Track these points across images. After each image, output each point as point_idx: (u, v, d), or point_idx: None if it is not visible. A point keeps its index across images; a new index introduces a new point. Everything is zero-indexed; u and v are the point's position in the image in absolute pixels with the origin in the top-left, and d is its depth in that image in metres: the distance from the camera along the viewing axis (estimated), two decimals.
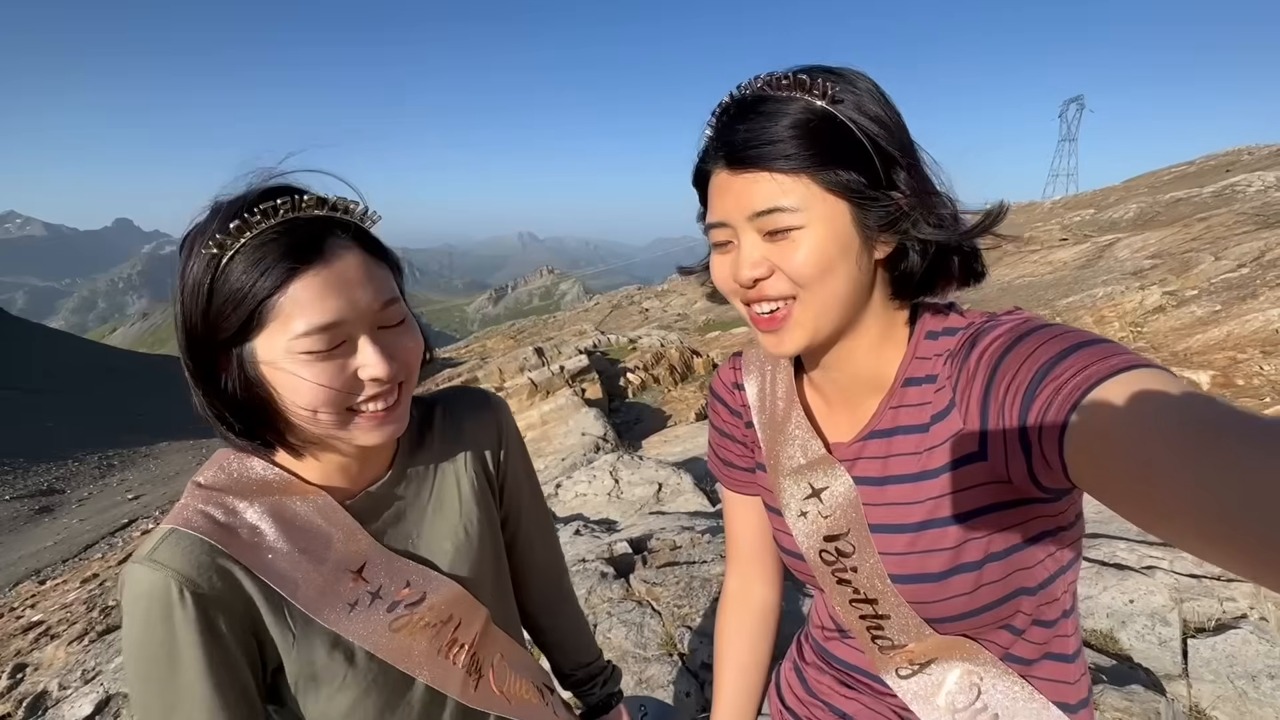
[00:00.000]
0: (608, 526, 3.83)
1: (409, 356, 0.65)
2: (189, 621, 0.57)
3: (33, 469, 13.80)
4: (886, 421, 0.66)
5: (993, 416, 0.54)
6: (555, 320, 31.17)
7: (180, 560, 0.58)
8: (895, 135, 0.58)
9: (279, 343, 0.57)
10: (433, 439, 0.80)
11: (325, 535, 0.66)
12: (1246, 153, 24.38)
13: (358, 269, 0.60)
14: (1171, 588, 2.00)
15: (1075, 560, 0.65)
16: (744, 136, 0.57)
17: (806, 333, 0.61)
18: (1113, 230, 18.75)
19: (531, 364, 12.90)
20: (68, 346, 33.50)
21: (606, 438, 8.06)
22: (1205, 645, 1.84)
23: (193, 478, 0.66)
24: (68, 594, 7.06)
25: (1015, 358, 0.52)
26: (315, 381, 0.58)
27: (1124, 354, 0.46)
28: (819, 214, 0.57)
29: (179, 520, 0.61)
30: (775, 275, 0.59)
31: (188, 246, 0.59)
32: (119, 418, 18.77)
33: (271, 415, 0.61)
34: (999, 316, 0.61)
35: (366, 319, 0.61)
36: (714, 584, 2.30)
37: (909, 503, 0.63)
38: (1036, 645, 0.66)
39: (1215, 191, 18.89)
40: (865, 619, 0.69)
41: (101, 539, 9.68)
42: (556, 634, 0.99)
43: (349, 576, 0.67)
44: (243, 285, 0.55)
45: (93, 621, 5.68)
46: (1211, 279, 11.96)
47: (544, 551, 0.95)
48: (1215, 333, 9.46)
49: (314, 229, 0.58)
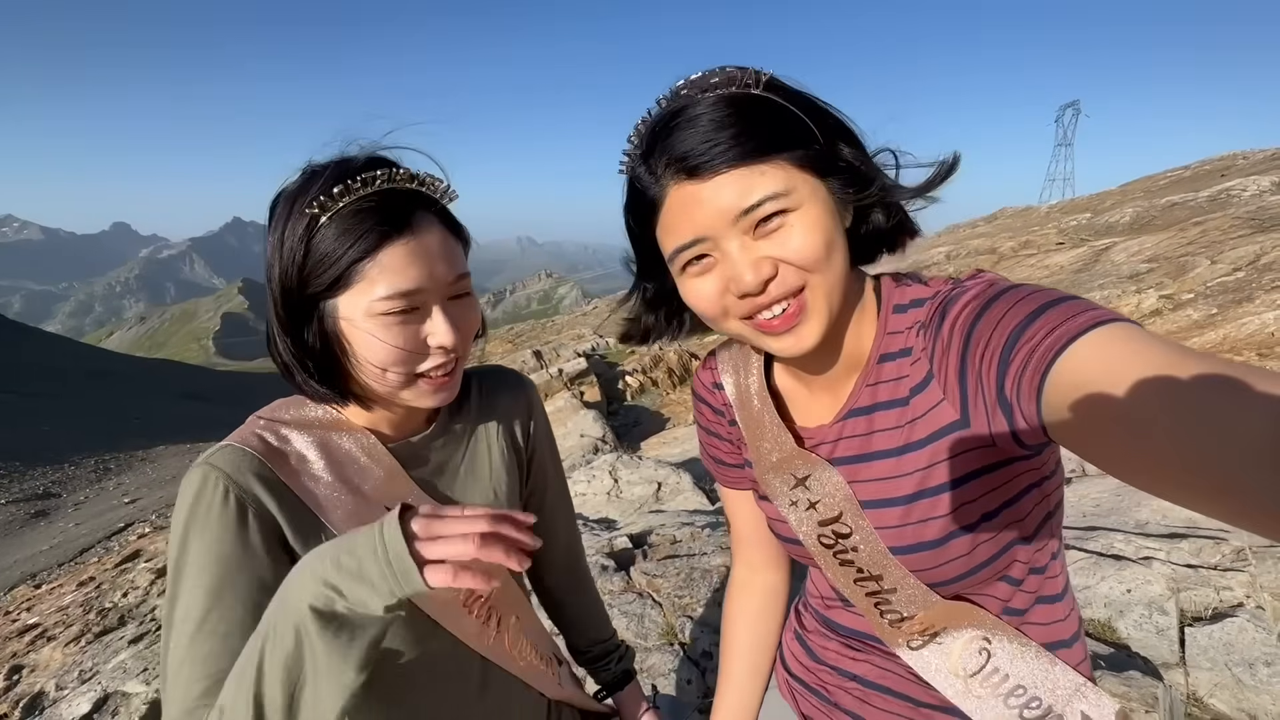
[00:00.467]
0: (608, 524, 3.83)
1: (470, 329, 0.70)
2: (230, 515, 0.62)
3: (29, 473, 13.74)
4: (865, 399, 0.66)
5: (970, 384, 0.55)
6: (554, 324, 31.19)
7: (230, 465, 0.64)
8: (822, 109, 0.59)
9: (361, 303, 0.62)
10: (470, 407, 0.84)
11: (365, 469, 0.71)
12: (1241, 157, 24.52)
13: (439, 242, 0.65)
14: (1169, 577, 2.01)
15: (1059, 503, 0.67)
16: (698, 141, 0.54)
17: (823, 319, 0.59)
18: (1109, 234, 18.83)
19: (530, 367, 12.91)
20: (64, 350, 33.43)
21: (605, 439, 8.06)
22: (1202, 634, 1.85)
23: (255, 413, 0.72)
24: (64, 597, 7.02)
25: (987, 323, 0.53)
26: (390, 343, 0.63)
27: (1091, 310, 0.47)
28: (806, 193, 0.56)
29: (236, 438, 0.67)
30: (781, 270, 0.57)
31: (284, 205, 0.63)
32: (115, 421, 18.72)
33: (342, 368, 0.67)
34: (963, 282, 0.61)
35: (441, 289, 0.66)
36: (714, 574, 2.31)
37: (897, 476, 0.64)
38: (1030, 594, 0.68)
39: (1211, 196, 18.99)
40: (872, 595, 0.70)
41: (98, 543, 9.63)
42: (574, 611, 1.02)
43: (382, 512, 0.69)
44: (337, 246, 0.60)
45: (89, 623, 5.65)
46: (1207, 282, 12.01)
47: (565, 531, 0.98)
48: (1211, 336, 9.50)
49: (404, 201, 0.63)
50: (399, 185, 0.63)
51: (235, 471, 0.63)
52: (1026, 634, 0.68)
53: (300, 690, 0.51)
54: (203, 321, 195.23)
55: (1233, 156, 25.04)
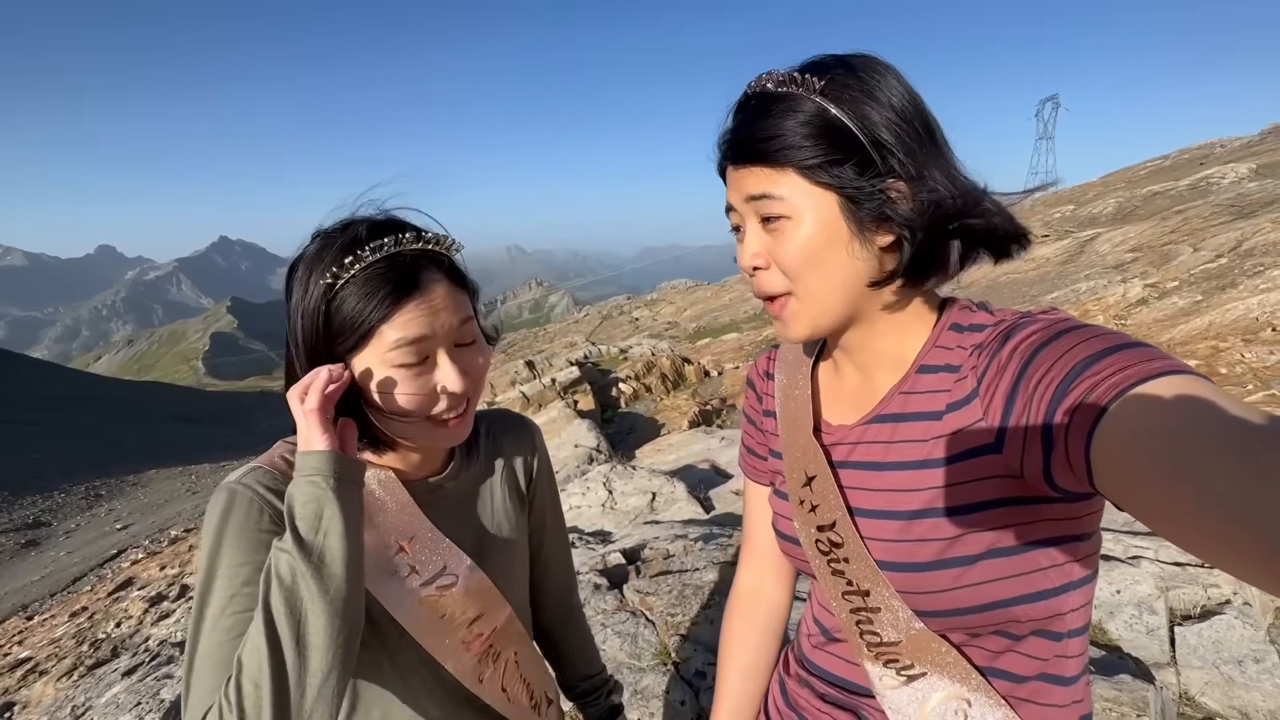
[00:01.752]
0: (602, 538, 3.82)
1: (479, 373, 0.75)
2: (256, 528, 0.66)
3: (18, 502, 13.58)
4: (895, 406, 0.65)
5: (1018, 409, 0.53)
6: (546, 333, 31.13)
7: (260, 482, 0.69)
8: (900, 123, 0.58)
9: (377, 355, 0.68)
10: (480, 450, 0.89)
11: (380, 502, 0.75)
12: (1219, 145, 24.87)
13: (444, 296, 0.71)
14: (1157, 576, 2.02)
15: (1089, 579, 0.62)
16: (741, 135, 0.61)
17: (807, 324, 0.63)
18: (1093, 225, 19.04)
19: (523, 377, 12.88)
20: (51, 376, 33.08)
21: (600, 449, 8.05)
22: (1192, 632, 1.86)
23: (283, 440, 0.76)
24: (56, 628, 6.93)
25: (1051, 353, 0.52)
26: (405, 391, 0.69)
27: (1166, 359, 0.45)
28: (806, 206, 0.58)
29: (264, 461, 0.72)
30: (772, 269, 0.62)
31: (303, 271, 0.69)
32: (105, 447, 18.52)
33: (361, 413, 0.72)
34: (1034, 314, 0.60)
35: (447, 337, 0.71)
36: (705, 591, 2.30)
37: (908, 490, 0.63)
38: (1035, 661, 0.64)
39: (1191, 184, 19.25)
40: (856, 613, 0.68)
41: (90, 571, 9.52)
42: (566, 647, 1.04)
43: (395, 545, 0.75)
44: (359, 313, 0.66)
45: (82, 656, 5.57)
46: (1191, 270, 12.16)
47: (561, 568, 1.02)
48: (1197, 323, 9.61)
49: (412, 264, 0.69)
50: (406, 248, 0.69)
51: (262, 488, 0.68)
52: (1017, 712, 0.64)
53: (304, 622, 0.60)
54: (192, 342, 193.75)
55: (1210, 145, 25.38)
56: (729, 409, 10.89)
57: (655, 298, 34.14)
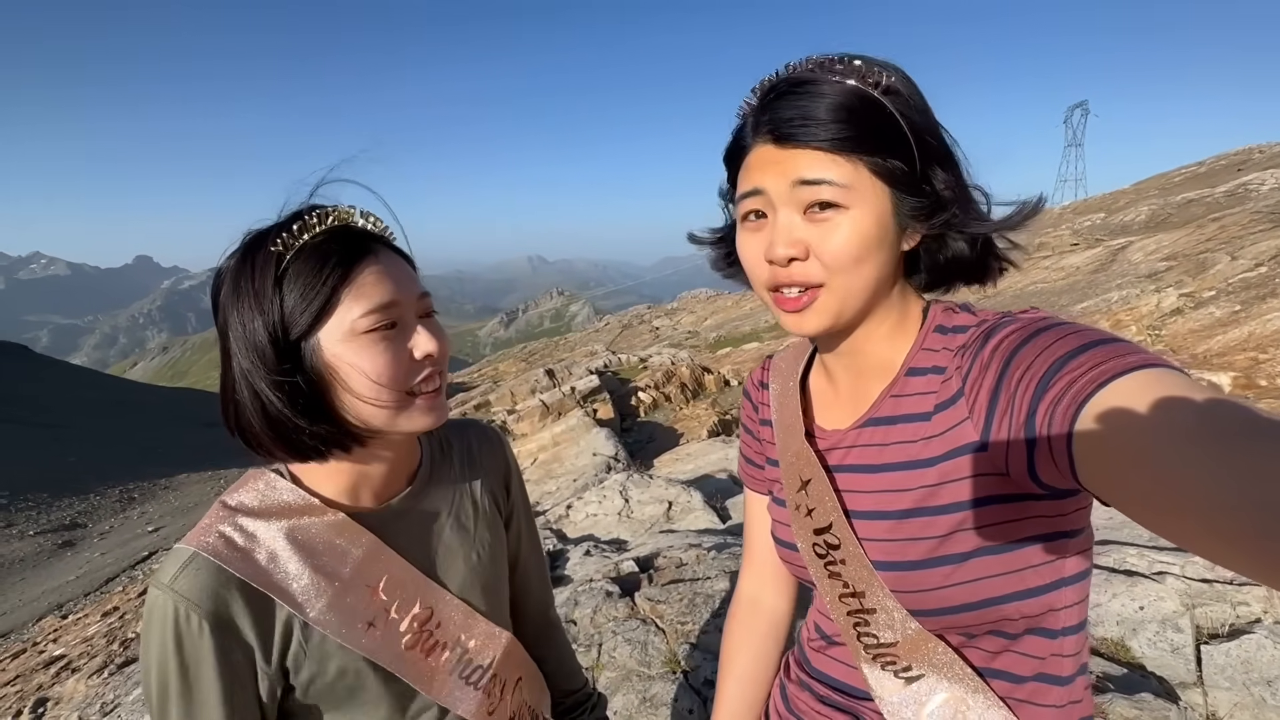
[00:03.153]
0: (618, 546, 3.82)
1: (446, 344, 0.71)
2: (207, 649, 0.61)
3: (56, 504, 14.00)
4: (886, 409, 0.66)
5: (1001, 407, 0.54)
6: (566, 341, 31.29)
7: (198, 590, 0.61)
8: (935, 130, 0.60)
9: (342, 327, 0.62)
10: (449, 463, 0.84)
11: (342, 552, 0.69)
12: (1258, 151, 24.14)
13: (399, 264, 0.68)
14: (1182, 593, 1.96)
15: (1081, 576, 0.63)
16: (794, 113, 0.57)
17: (829, 318, 0.62)
18: (1125, 233, 18.59)
19: (543, 386, 12.95)
20: (89, 382, 34.15)
21: (618, 457, 8.04)
22: (1219, 651, 1.80)
23: (221, 497, 0.69)
24: (89, 627, 7.11)
25: (1031, 350, 0.52)
26: (380, 359, 0.63)
27: (1141, 353, 0.46)
28: (865, 196, 0.57)
29: (200, 543, 0.64)
30: (810, 259, 0.59)
31: (238, 266, 0.63)
32: (139, 451, 19.04)
33: (334, 408, 0.65)
34: (1015, 314, 0.60)
35: (413, 305, 0.68)
36: (716, 599, 2.29)
37: (899, 490, 0.63)
38: (1033, 660, 0.64)
39: (1228, 191, 18.70)
40: (853, 615, 0.68)
41: (122, 572, 9.77)
42: (549, 663, 1.00)
43: (368, 591, 0.69)
44: (311, 282, 0.61)
45: (112, 654, 5.71)
46: (1229, 279, 11.79)
47: (538, 584, 0.98)
48: (1236, 333, 9.30)
49: (359, 235, 0.66)
50: (350, 221, 0.67)
51: (205, 596, 0.62)
52: (1016, 714, 0.64)
53: None
54: None
55: (1249, 151, 24.66)
56: None
57: (675, 307, 34.17)
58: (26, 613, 8.94)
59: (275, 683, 0.66)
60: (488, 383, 18.87)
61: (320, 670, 0.67)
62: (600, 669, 2.03)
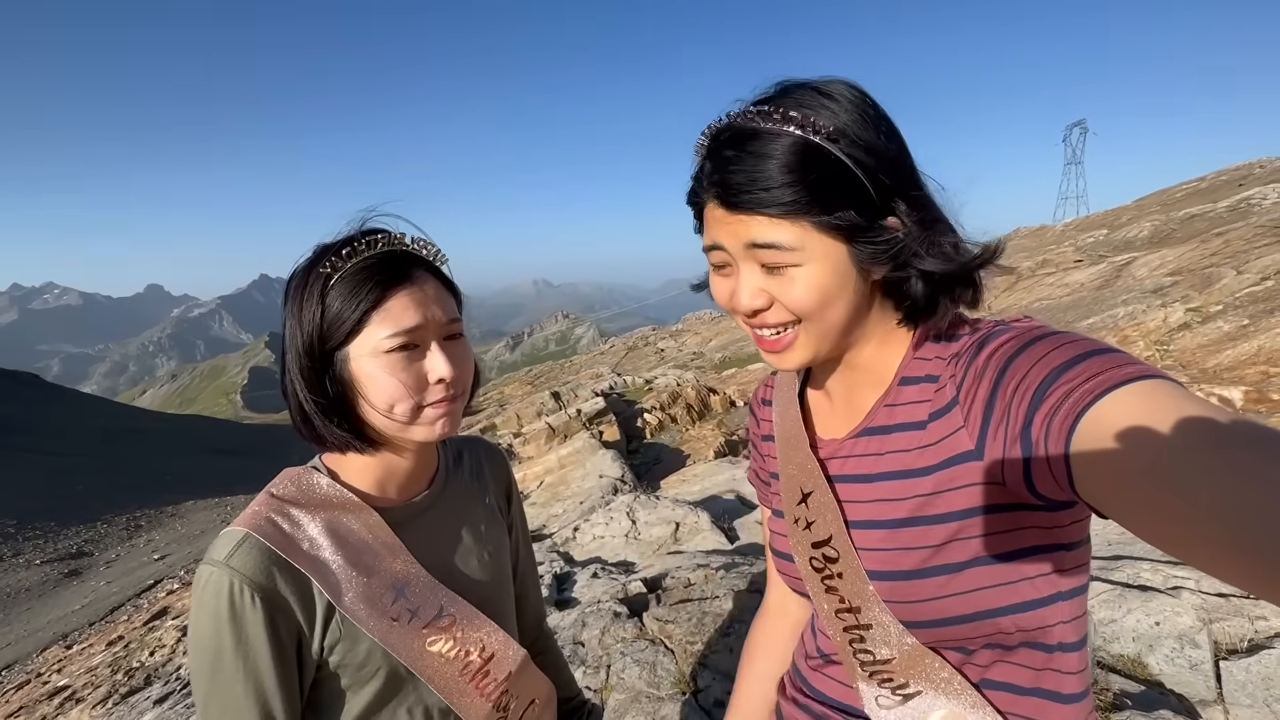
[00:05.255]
0: (625, 568, 3.79)
1: (466, 368, 0.77)
2: (258, 622, 0.65)
3: (63, 532, 14.01)
4: (881, 419, 0.66)
5: (996, 416, 0.53)
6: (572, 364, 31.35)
7: (252, 566, 0.66)
8: (893, 163, 0.58)
9: (369, 345, 0.69)
10: (462, 471, 0.91)
11: (374, 550, 0.75)
12: (1258, 166, 24.21)
13: (434, 291, 0.74)
14: (1199, 608, 1.92)
15: (1078, 591, 0.62)
16: (737, 179, 0.57)
17: (809, 353, 0.63)
18: (1128, 249, 18.59)
19: (549, 408, 12.94)
20: (98, 410, 34.36)
21: (625, 479, 8.00)
22: (1239, 667, 1.76)
23: (266, 488, 0.76)
24: (93, 657, 7.07)
25: (1026, 359, 0.52)
26: (396, 377, 0.70)
27: (1138, 364, 0.45)
28: (816, 253, 0.57)
29: (253, 525, 0.70)
30: (775, 306, 0.61)
31: (299, 277, 0.72)
32: (147, 478, 19.08)
33: (355, 414, 0.73)
34: (1009, 322, 0.60)
35: (437, 329, 0.73)
36: (725, 619, 2.26)
37: (894, 499, 0.63)
38: (1030, 673, 0.62)
39: (1230, 206, 18.71)
40: (849, 631, 0.68)
41: (128, 600, 9.72)
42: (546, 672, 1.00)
43: (392, 592, 0.74)
44: (349, 302, 0.69)
45: (117, 684, 5.66)
46: (1235, 293, 11.74)
47: (534, 593, 1.03)
48: (1245, 347, 9.23)
49: (403, 260, 0.73)
50: (396, 247, 0.73)
51: (258, 573, 0.66)
52: None
53: None
54: (231, 376, 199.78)
55: (1249, 166, 24.73)
56: None
57: (680, 328, 34.25)
58: (32, 643, 8.89)
59: (313, 661, 0.70)
60: (494, 406, 18.88)
61: (351, 656, 0.71)
62: (609, 690, 2.01)
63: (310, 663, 0.71)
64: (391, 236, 0.73)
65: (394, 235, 0.74)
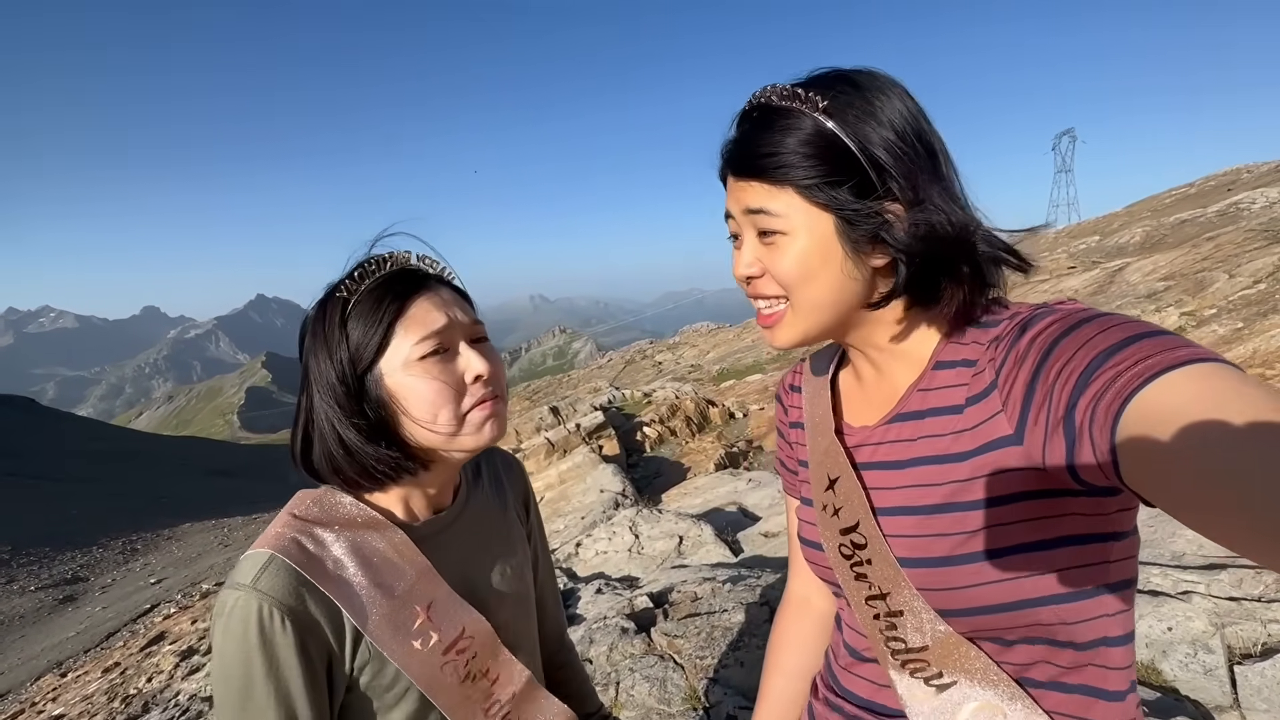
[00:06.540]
0: (630, 583, 3.76)
1: (499, 366, 0.76)
2: (289, 646, 0.64)
3: (58, 558, 13.86)
4: (915, 404, 0.65)
5: (1037, 398, 0.52)
6: (570, 379, 31.32)
7: (280, 588, 0.65)
8: (901, 145, 0.58)
9: (400, 356, 0.69)
10: (483, 483, 0.90)
11: (399, 569, 0.73)
12: (1246, 170, 24.49)
13: (451, 296, 0.75)
14: (1211, 612, 1.91)
15: (1126, 584, 0.59)
16: (742, 147, 0.62)
17: (797, 332, 0.64)
18: (1121, 255, 18.72)
19: (548, 423, 12.90)
20: (94, 433, 34.15)
21: (626, 493, 7.96)
22: (1254, 672, 1.75)
23: (287, 508, 0.74)
24: (89, 685, 6.95)
25: (1072, 342, 0.50)
26: (435, 382, 0.69)
27: (1192, 346, 0.43)
28: (801, 223, 0.59)
29: (277, 546, 0.68)
30: (766, 277, 0.63)
31: (315, 314, 0.72)
32: (143, 501, 18.92)
33: (399, 435, 0.72)
34: (1052, 305, 0.58)
35: (463, 330, 0.74)
36: (734, 632, 2.24)
37: (929, 485, 0.62)
38: (1073, 670, 0.61)
39: (1220, 210, 18.90)
40: (879, 619, 0.66)
41: (124, 626, 9.59)
42: (568, 687, 1.01)
43: (416, 612, 0.73)
44: (373, 318, 0.69)
45: (113, 712, 5.57)
46: (1229, 297, 11.81)
47: (554, 603, 1.02)
48: (1241, 350, 9.26)
49: (415, 274, 0.73)
50: (407, 266, 0.74)
51: (287, 595, 0.65)
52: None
53: None
54: (228, 397, 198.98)
55: (1237, 171, 25.01)
56: (755, 450, 10.73)
57: (677, 341, 34.29)
58: (25, 671, 8.76)
59: (343, 683, 0.69)
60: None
61: (380, 678, 0.70)
62: (619, 708, 1.98)
63: (341, 684, 0.70)
64: (398, 255, 0.74)
65: (400, 254, 0.74)
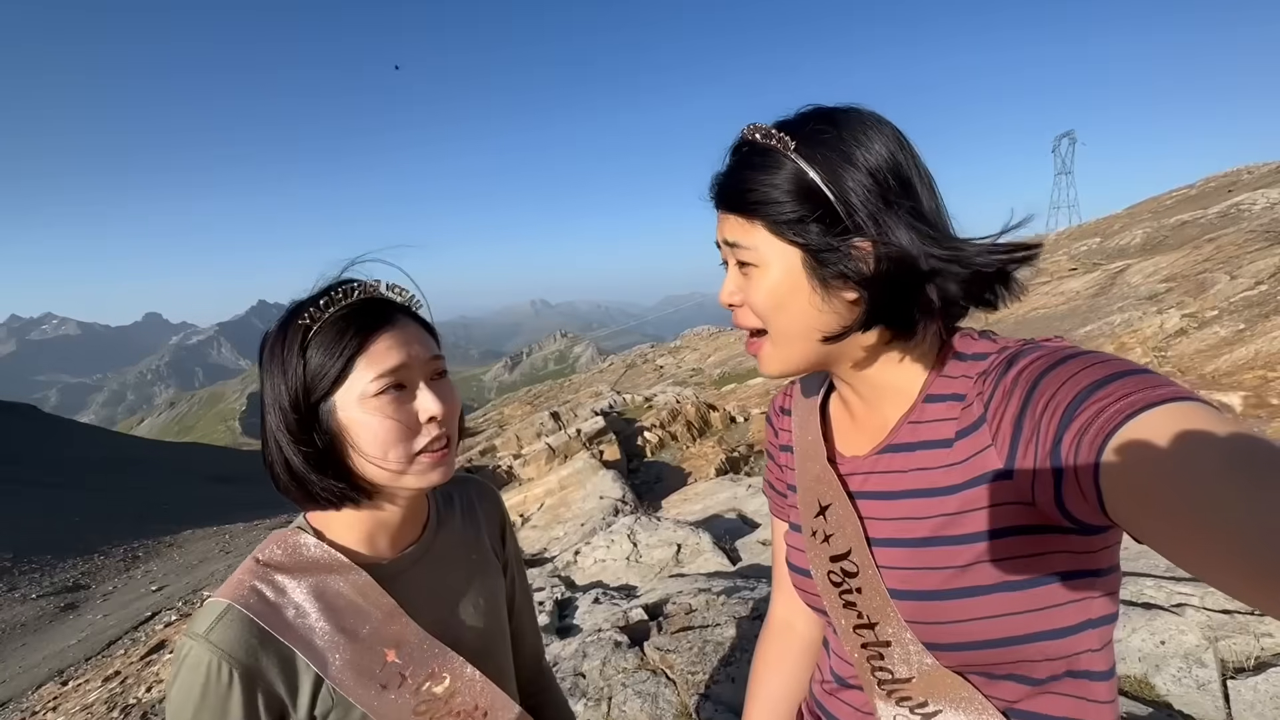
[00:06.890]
0: (627, 592, 3.75)
1: (455, 405, 0.76)
2: (235, 702, 0.64)
3: (59, 565, 13.85)
4: (906, 436, 0.65)
5: (1025, 434, 0.53)
6: (571, 383, 31.33)
7: (231, 641, 0.65)
8: (870, 184, 0.58)
9: (355, 391, 0.68)
10: (454, 515, 0.89)
11: (363, 612, 0.72)
12: (1247, 172, 24.47)
13: (415, 331, 0.74)
14: (1204, 625, 1.90)
15: (1108, 619, 0.60)
16: (724, 181, 0.65)
17: (779, 362, 0.66)
18: (1121, 257, 18.70)
19: (548, 429, 12.91)
20: (96, 440, 34.23)
21: (625, 499, 7.95)
22: (1246, 686, 1.74)
23: (253, 553, 0.74)
24: (89, 694, 6.95)
25: (1056, 377, 0.51)
26: (388, 421, 0.69)
27: (1171, 385, 0.45)
28: (772, 257, 0.62)
29: (236, 596, 0.68)
30: (745, 307, 0.66)
31: (276, 334, 0.71)
32: (145, 508, 18.93)
33: (346, 466, 0.71)
34: (1039, 341, 0.60)
35: (421, 368, 0.73)
36: (726, 647, 2.24)
37: (918, 517, 0.62)
38: (1060, 701, 0.61)
39: (1221, 212, 18.88)
40: (867, 648, 0.67)
41: (125, 634, 9.58)
42: (546, 710, 1.01)
43: (383, 655, 0.72)
44: (330, 352, 0.68)
45: None
46: (1230, 298, 11.79)
47: (531, 631, 1.01)
48: (1242, 352, 9.23)
49: (381, 305, 0.73)
50: (373, 294, 0.73)
51: (238, 648, 0.65)
52: None
53: None
54: (229, 403, 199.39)
55: (1238, 172, 24.99)
56: (756, 455, 10.73)
57: (678, 345, 34.28)
58: (26, 680, 8.75)
59: None
60: (493, 427, 18.82)
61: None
62: None
63: None
64: (366, 285, 0.73)
65: (369, 283, 0.74)
